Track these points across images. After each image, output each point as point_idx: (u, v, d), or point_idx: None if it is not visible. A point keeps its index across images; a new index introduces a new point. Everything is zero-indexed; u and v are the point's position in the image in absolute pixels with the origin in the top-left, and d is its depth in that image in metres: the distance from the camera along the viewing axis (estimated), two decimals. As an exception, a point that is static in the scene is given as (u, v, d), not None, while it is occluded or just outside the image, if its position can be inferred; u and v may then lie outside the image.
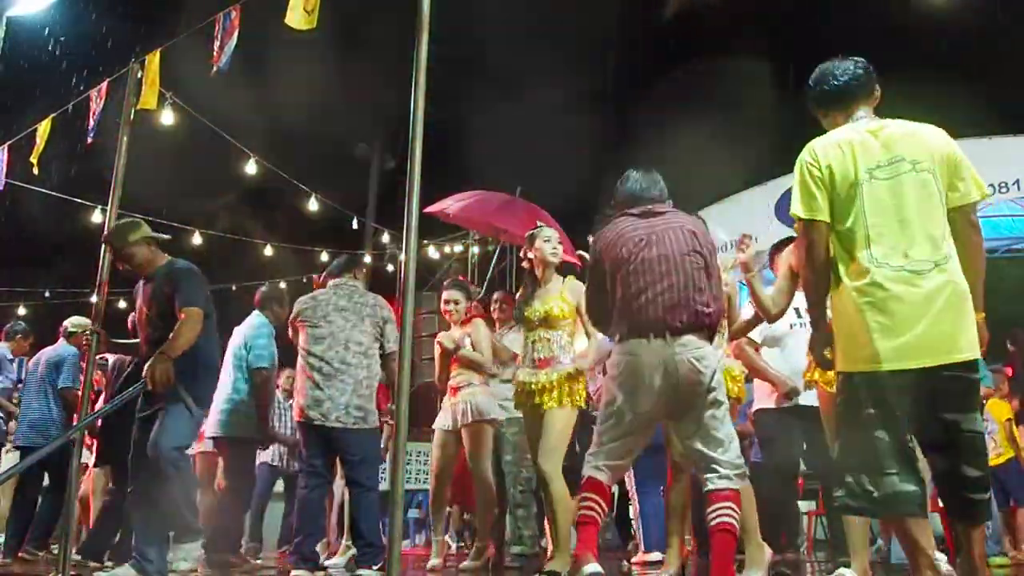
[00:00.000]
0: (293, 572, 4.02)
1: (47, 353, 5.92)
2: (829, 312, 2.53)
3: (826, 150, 2.50)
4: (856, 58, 2.63)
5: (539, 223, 4.52)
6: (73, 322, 5.97)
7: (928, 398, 2.31)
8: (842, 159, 2.46)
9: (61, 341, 5.95)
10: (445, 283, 5.24)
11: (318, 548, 4.57)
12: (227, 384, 5.12)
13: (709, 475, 2.87)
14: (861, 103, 2.57)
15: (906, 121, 2.53)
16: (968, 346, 2.30)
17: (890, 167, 2.41)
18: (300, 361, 4.36)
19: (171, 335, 3.70)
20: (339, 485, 5.76)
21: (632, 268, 2.96)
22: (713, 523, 2.81)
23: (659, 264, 2.94)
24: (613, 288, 3.05)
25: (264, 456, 6.50)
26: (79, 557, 4.84)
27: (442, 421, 4.88)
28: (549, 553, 3.97)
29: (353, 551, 4.68)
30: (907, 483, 2.26)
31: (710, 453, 2.88)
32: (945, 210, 2.40)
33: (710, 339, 2.99)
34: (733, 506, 2.81)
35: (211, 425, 5.16)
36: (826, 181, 2.46)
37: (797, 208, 2.51)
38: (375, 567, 4.06)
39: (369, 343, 4.28)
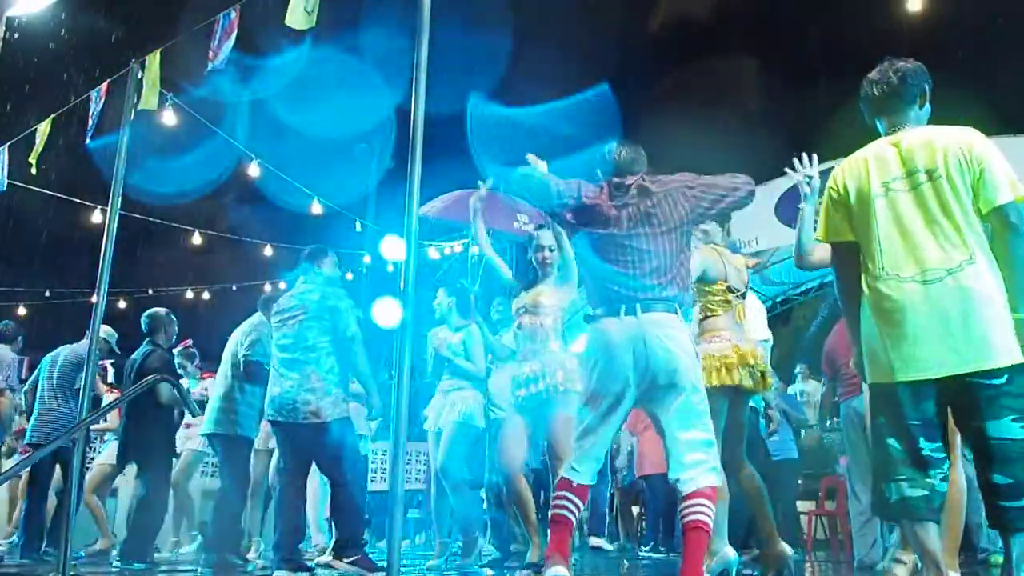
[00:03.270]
0: (275, 573, 4.04)
1: (66, 351, 5.94)
2: None
3: (845, 169, 2.55)
4: (903, 63, 2.55)
5: (537, 230, 4.52)
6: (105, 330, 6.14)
7: (954, 406, 2.33)
8: (858, 176, 2.50)
9: (85, 340, 5.99)
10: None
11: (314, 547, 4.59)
12: (224, 382, 5.14)
13: (689, 471, 2.74)
14: (899, 112, 2.53)
15: (933, 127, 2.50)
16: (995, 353, 2.24)
17: (907, 179, 2.42)
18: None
19: None
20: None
21: (612, 241, 2.85)
22: (688, 520, 2.70)
23: (640, 242, 2.84)
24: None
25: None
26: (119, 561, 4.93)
27: (432, 423, 4.98)
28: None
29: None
30: (915, 489, 2.29)
31: (688, 439, 2.77)
32: (969, 215, 2.35)
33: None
34: (710, 504, 2.72)
35: (207, 422, 5.18)
36: (843, 200, 2.52)
37: (820, 232, 2.62)
38: (347, 560, 4.07)
39: (316, 337, 4.21)
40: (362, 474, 4.37)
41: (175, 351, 6.60)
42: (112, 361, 6.29)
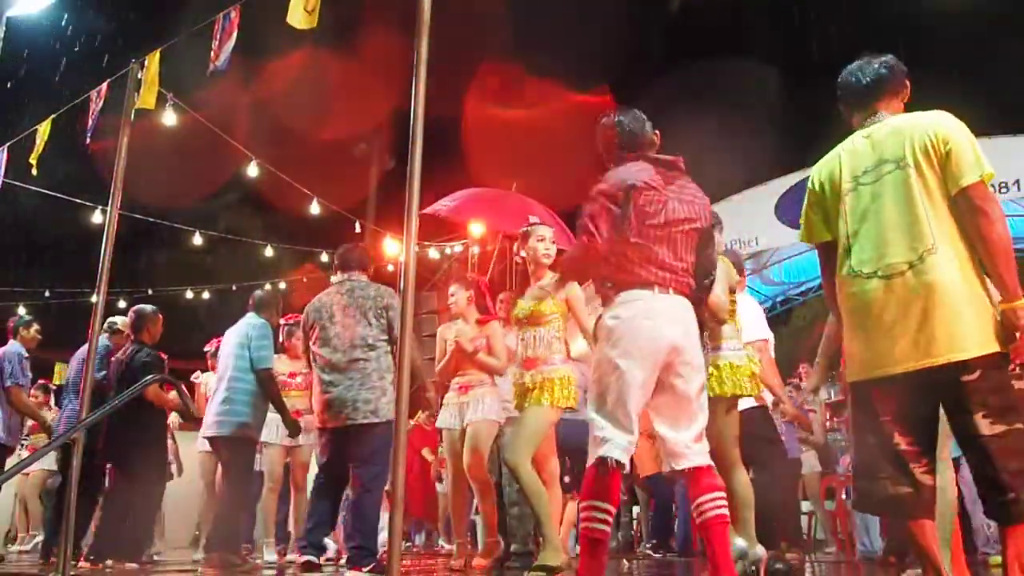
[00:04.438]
0: (301, 556, 4.09)
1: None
2: None
3: (822, 165, 2.54)
4: (884, 57, 2.55)
5: (533, 220, 4.46)
6: (123, 320, 6.07)
7: (925, 401, 2.27)
8: (831, 171, 2.49)
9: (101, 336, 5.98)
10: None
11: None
12: (224, 385, 5.13)
13: (691, 449, 2.63)
14: (878, 103, 2.51)
15: (905, 115, 2.47)
16: (958, 346, 2.17)
17: (875, 171, 2.39)
18: (314, 366, 4.36)
19: None
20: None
21: (659, 220, 2.68)
22: (710, 515, 2.60)
23: (680, 225, 2.71)
24: (625, 225, 2.68)
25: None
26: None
27: (449, 420, 4.81)
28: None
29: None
30: (899, 486, 2.26)
31: (703, 418, 2.67)
32: (936, 203, 2.28)
33: None
34: (724, 495, 2.65)
35: (209, 426, 5.16)
36: (819, 199, 2.52)
37: (802, 233, 2.61)
38: (365, 569, 4.01)
39: (375, 336, 4.21)
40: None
41: (210, 350, 6.61)
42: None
